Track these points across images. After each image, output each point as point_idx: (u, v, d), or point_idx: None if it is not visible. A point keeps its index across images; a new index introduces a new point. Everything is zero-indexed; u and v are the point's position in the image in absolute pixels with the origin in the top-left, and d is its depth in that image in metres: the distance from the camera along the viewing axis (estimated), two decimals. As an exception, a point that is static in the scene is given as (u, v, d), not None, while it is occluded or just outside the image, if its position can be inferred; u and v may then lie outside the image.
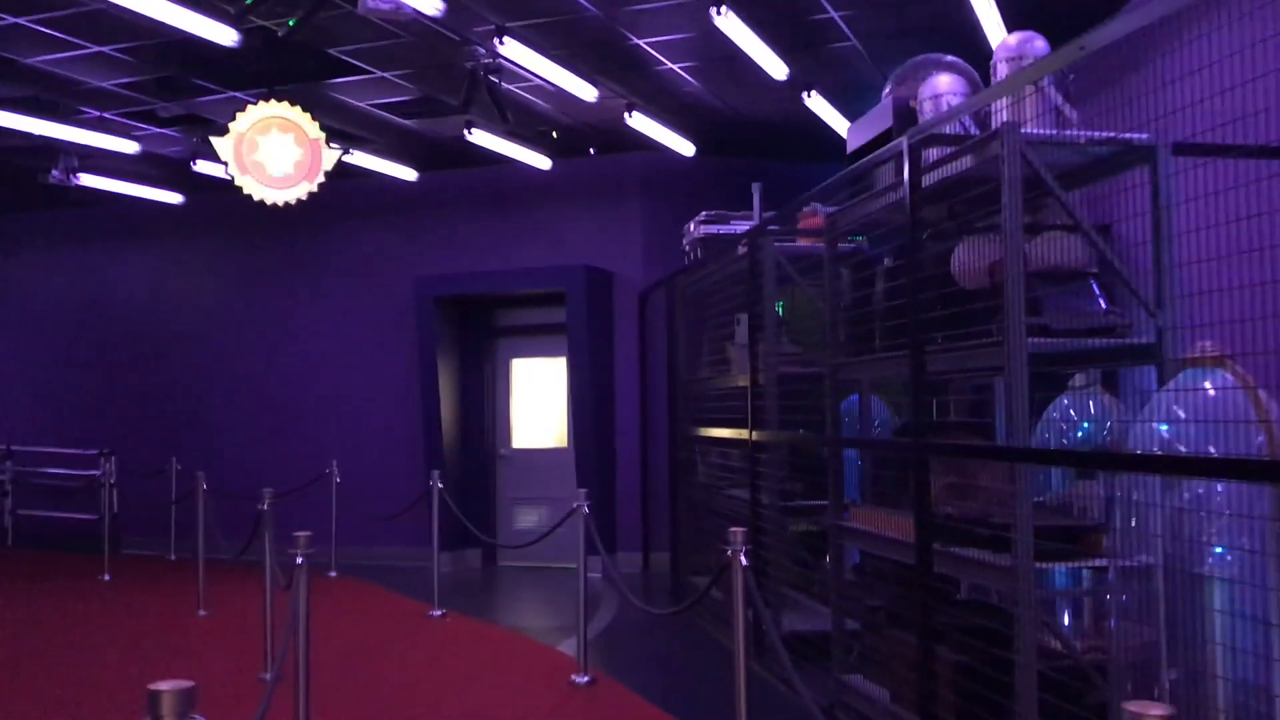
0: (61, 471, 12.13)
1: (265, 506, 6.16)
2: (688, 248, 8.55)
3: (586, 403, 10.10)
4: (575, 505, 6.20)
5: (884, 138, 5.31)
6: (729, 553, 3.82)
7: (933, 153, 4.53)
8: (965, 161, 4.23)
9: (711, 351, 8.19)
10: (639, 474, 10.33)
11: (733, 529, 3.83)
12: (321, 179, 7.69)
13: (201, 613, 8.12)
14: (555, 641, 7.13)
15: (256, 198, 7.54)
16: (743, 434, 6.95)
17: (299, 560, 4.01)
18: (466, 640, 7.25)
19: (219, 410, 12.09)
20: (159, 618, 8.11)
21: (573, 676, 5.94)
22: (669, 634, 7.35)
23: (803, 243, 6.84)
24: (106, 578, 9.94)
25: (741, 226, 7.78)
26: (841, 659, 5.44)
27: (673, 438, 9.18)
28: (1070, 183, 4.32)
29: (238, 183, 7.46)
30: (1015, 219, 3.85)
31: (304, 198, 7.75)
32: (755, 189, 7.15)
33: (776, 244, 6.57)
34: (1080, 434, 5.49)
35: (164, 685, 1.82)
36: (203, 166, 9.35)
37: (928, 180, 4.44)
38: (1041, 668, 3.76)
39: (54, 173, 9.84)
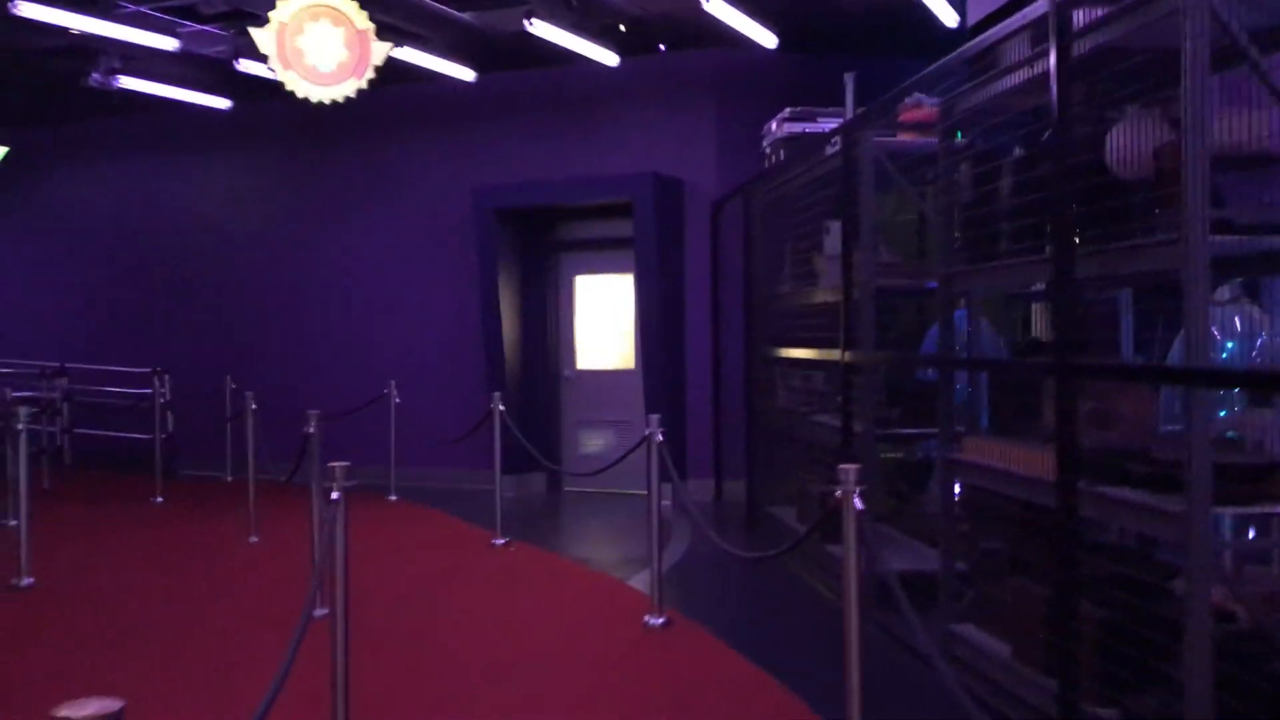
0: (115, 390, 11.87)
1: (311, 430, 5.70)
2: (768, 150, 7.85)
3: (655, 322, 9.51)
4: (648, 432, 5.63)
5: (1014, 4, 4.56)
6: (839, 493, 3.24)
7: (1082, 15, 3.80)
8: (1129, 23, 3.51)
9: (795, 264, 7.54)
10: (710, 397, 9.77)
11: (844, 465, 3.24)
12: (371, 74, 7.10)
13: (253, 539, 7.79)
14: (625, 575, 6.66)
15: (300, 94, 6.98)
16: (831, 354, 6.34)
17: (334, 496, 3.51)
18: (531, 573, 6.81)
19: (273, 328, 11.73)
20: (209, 544, 7.81)
21: (646, 617, 5.45)
22: (747, 570, 6.84)
23: (904, 138, 6.12)
24: (159, 500, 9.69)
25: (830, 124, 7.06)
26: (949, 606, 4.88)
27: (749, 359, 8.58)
28: (1270, 46, 3.57)
29: (280, 78, 6.89)
30: (1201, 89, 3.14)
31: (352, 95, 7.17)
32: (848, 79, 6.41)
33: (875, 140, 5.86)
34: (1224, 355, 4.80)
35: (83, 711, 1.32)
36: (246, 66, 8.80)
37: (1078, 50, 3.72)
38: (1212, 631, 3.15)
39: (94, 75, 9.37)
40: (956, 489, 5.25)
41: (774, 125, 7.68)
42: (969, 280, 4.76)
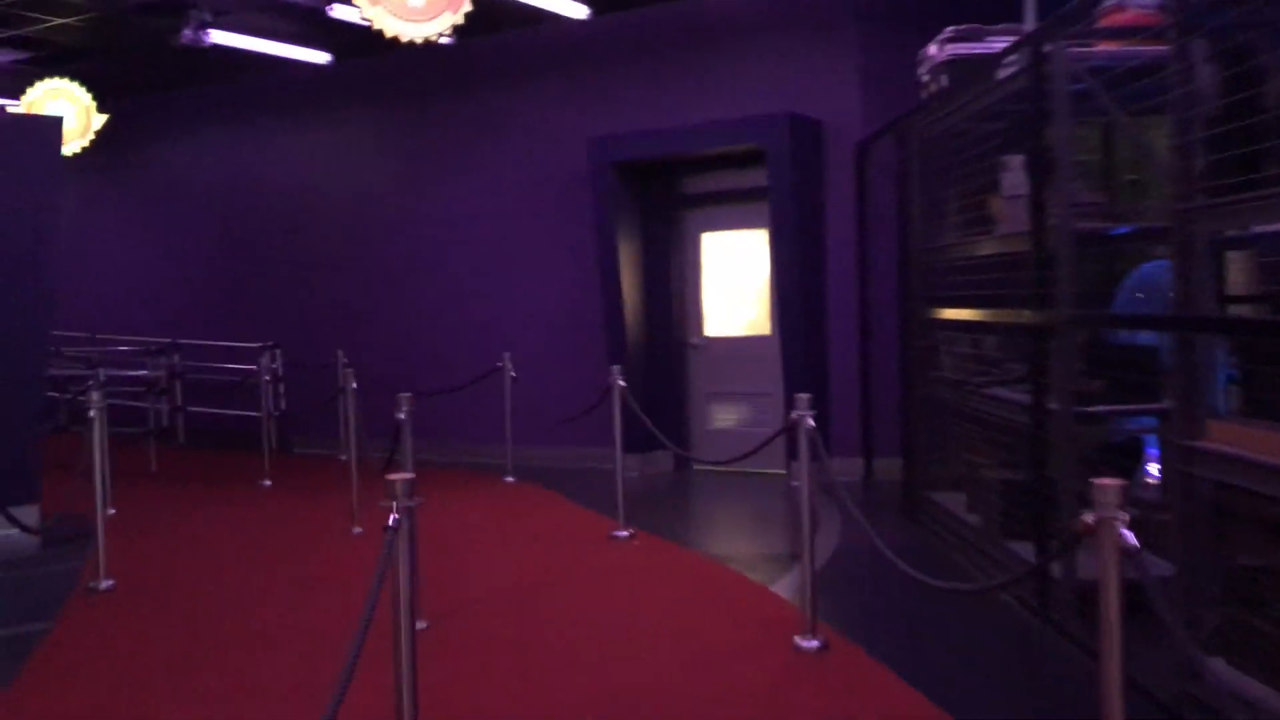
0: (227, 366, 11.53)
1: (403, 415, 4.99)
2: (926, 78, 6.79)
3: (793, 281, 8.56)
4: (796, 415, 4.71)
5: None
6: (1090, 518, 2.30)
7: None
8: None
9: (963, 209, 6.49)
10: (856, 365, 8.79)
11: (1099, 482, 2.30)
12: (468, 7, 6.32)
13: (357, 530, 7.20)
14: (768, 578, 5.80)
15: (390, 33, 6.25)
16: (1009, 315, 5.32)
17: (392, 520, 2.75)
18: (656, 573, 6.01)
19: (382, 297, 11.20)
20: (310, 537, 7.25)
21: (797, 639, 4.57)
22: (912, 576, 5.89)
23: (1106, 48, 5.01)
24: (266, 484, 9.25)
25: (1001, 43, 5.97)
26: (1186, 633, 3.86)
27: (904, 322, 7.56)
28: None
29: (366, 16, 6.18)
30: None
31: (447, 34, 6.41)
32: (1029, -17, 5.36)
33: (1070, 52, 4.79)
34: None
35: None
36: (340, 12, 8.16)
37: None
38: None
39: (185, 32, 8.87)
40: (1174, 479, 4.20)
41: (933, 49, 6.61)
42: (1219, 219, 3.70)
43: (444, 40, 6.73)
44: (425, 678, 3.08)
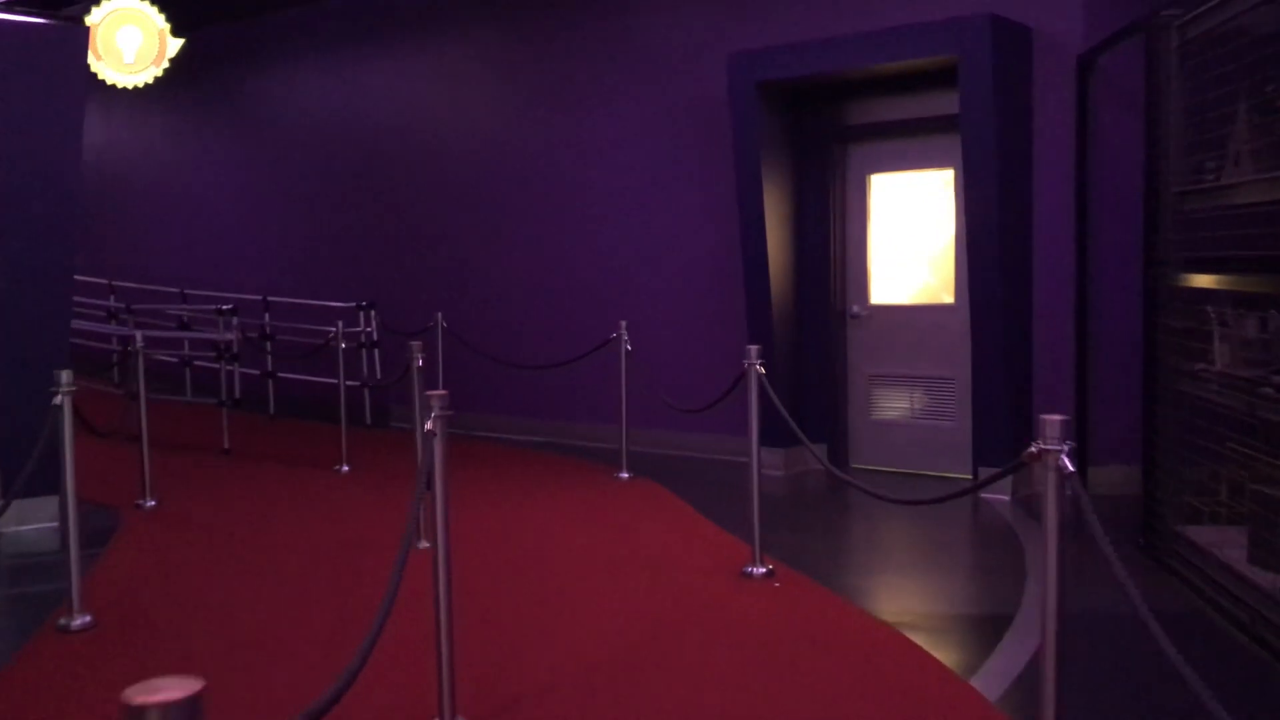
0: (325, 329, 10.35)
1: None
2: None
3: (989, 236, 6.73)
4: (1038, 447, 2.97)
5: None
6: None
7: None
8: None
9: (1253, 138, 4.58)
10: (1070, 347, 6.92)
11: None
12: None
13: (423, 544, 5.80)
14: (964, 658, 4.11)
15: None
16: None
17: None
18: (806, 642, 4.36)
19: (486, 253, 9.80)
20: (371, 543, 5.88)
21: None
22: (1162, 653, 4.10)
23: None
24: (344, 469, 7.98)
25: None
26: None
27: (1151, 292, 5.65)
28: None
29: None
30: None
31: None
32: None
33: None
34: None
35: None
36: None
37: None
38: None
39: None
40: None
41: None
42: None
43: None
44: None
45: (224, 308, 9.67)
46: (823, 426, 7.86)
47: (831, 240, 7.91)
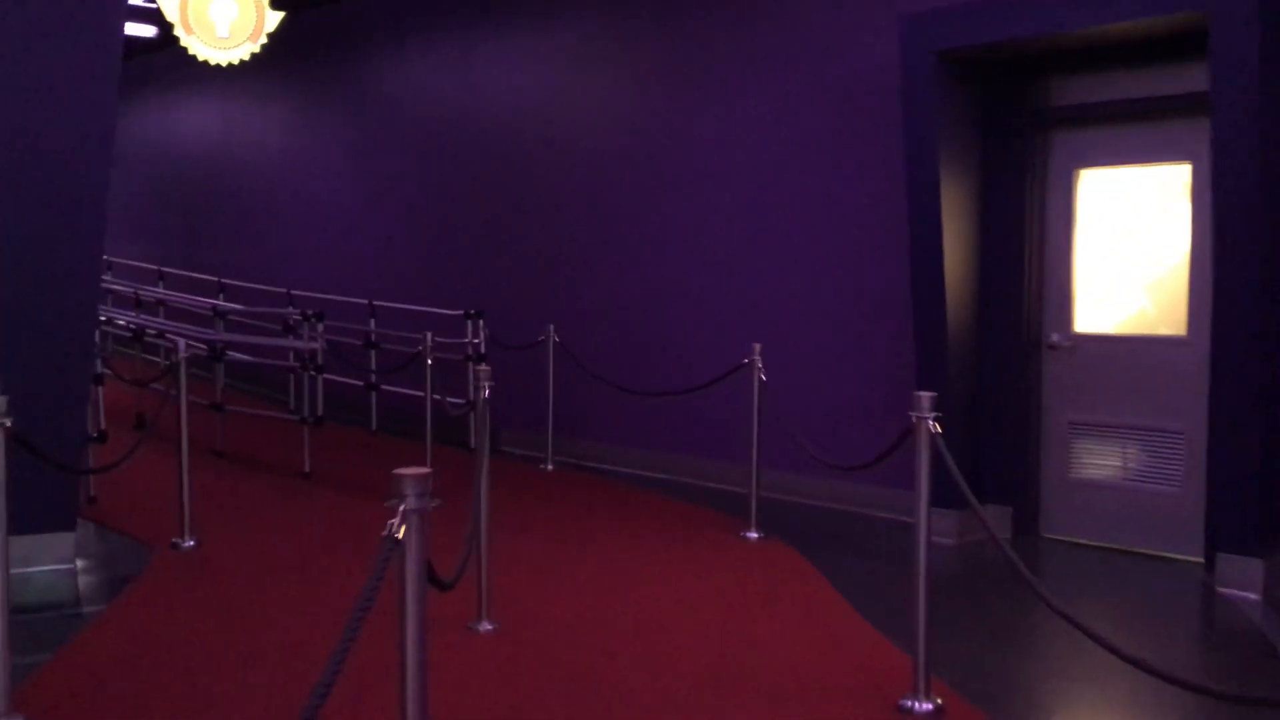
0: (446, 340, 9.35)
1: (398, 527, 2.30)
2: None
3: (1246, 252, 5.13)
4: None
5: None
6: None
7: None
8: None
9: None
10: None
11: None
12: None
13: (485, 626, 4.62)
14: None
15: None
16: None
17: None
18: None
19: (599, 255, 8.63)
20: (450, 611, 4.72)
21: None
22: None
23: None
24: (434, 504, 6.88)
25: None
26: None
27: None
28: None
29: None
30: None
31: None
32: None
33: None
34: None
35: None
36: None
37: None
38: None
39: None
40: None
41: None
42: None
43: None
44: None
45: (308, 313, 8.74)
46: (1008, 484, 6.36)
47: (1027, 251, 6.39)
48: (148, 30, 11.96)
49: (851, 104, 6.96)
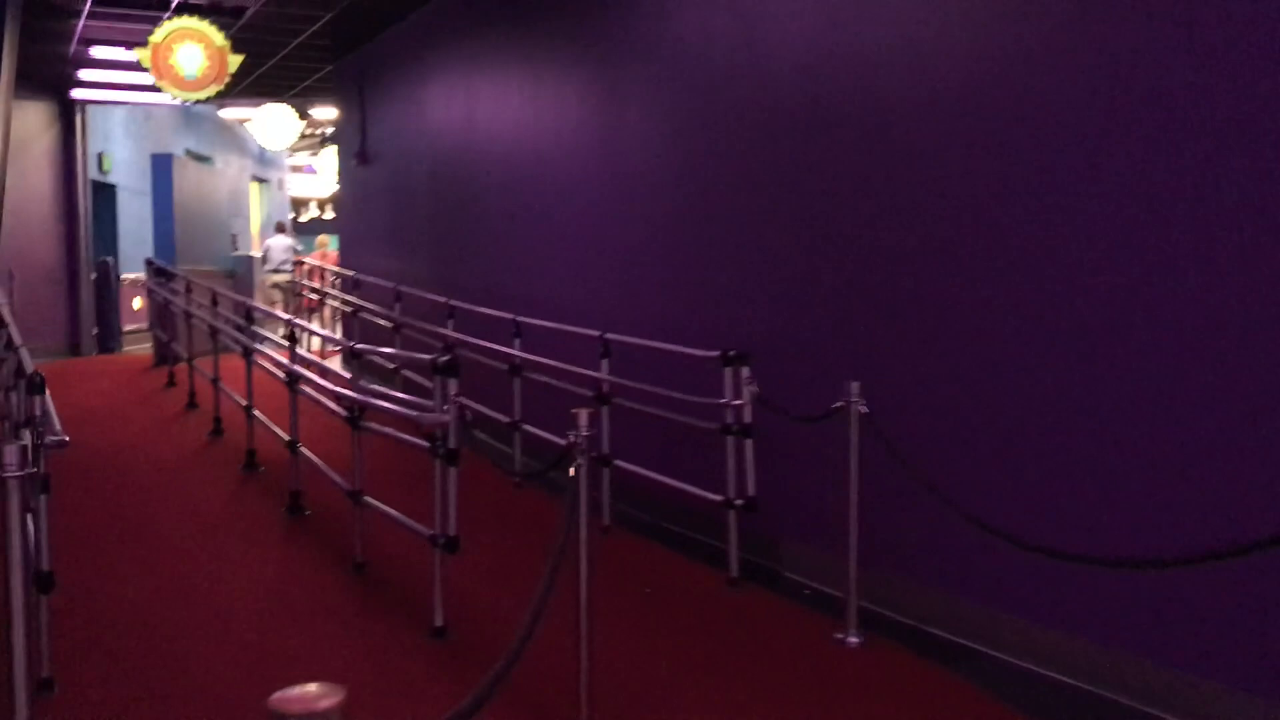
0: (694, 399, 6.30)
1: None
2: None
3: None
4: None
5: None
6: None
7: None
8: None
9: None
10: None
11: None
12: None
13: None
14: None
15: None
16: None
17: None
18: None
19: (934, 274, 5.17)
20: None
21: None
22: None
23: None
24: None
25: None
26: None
27: None
28: None
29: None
30: None
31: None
32: None
33: None
34: None
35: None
36: None
37: None
38: None
39: None
40: None
41: None
42: None
43: None
44: None
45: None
46: None
47: None
48: None
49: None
